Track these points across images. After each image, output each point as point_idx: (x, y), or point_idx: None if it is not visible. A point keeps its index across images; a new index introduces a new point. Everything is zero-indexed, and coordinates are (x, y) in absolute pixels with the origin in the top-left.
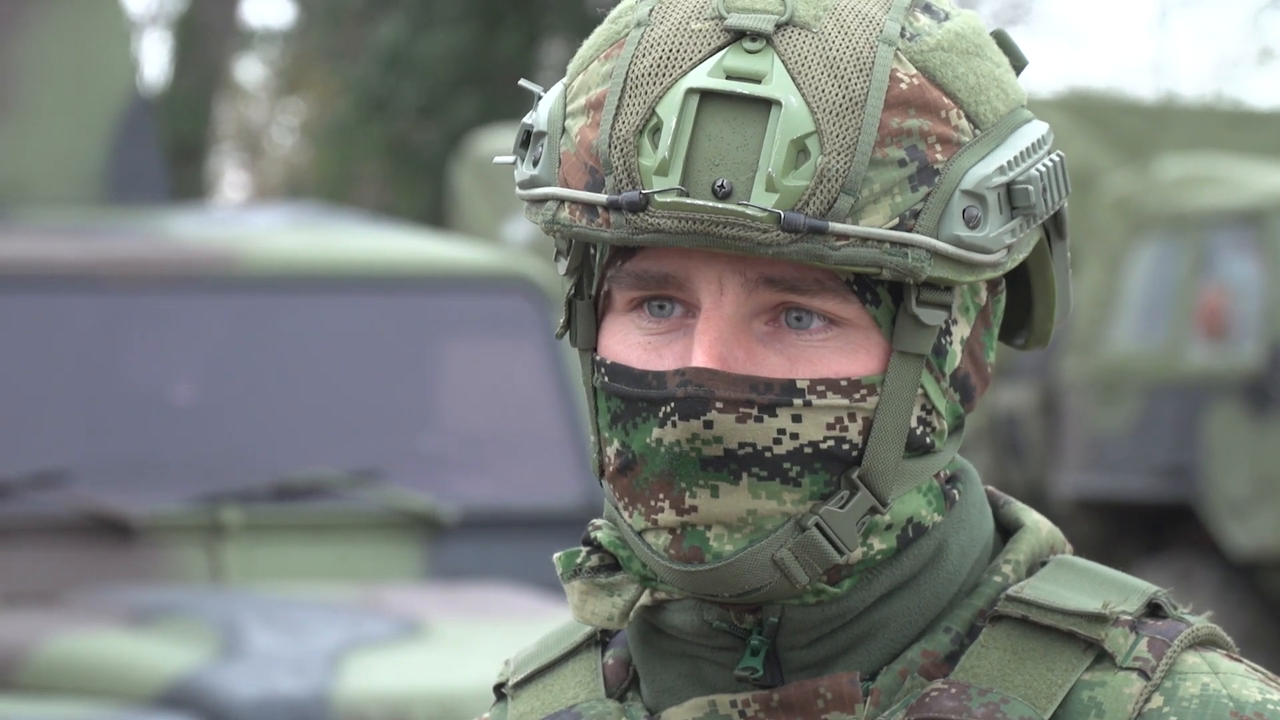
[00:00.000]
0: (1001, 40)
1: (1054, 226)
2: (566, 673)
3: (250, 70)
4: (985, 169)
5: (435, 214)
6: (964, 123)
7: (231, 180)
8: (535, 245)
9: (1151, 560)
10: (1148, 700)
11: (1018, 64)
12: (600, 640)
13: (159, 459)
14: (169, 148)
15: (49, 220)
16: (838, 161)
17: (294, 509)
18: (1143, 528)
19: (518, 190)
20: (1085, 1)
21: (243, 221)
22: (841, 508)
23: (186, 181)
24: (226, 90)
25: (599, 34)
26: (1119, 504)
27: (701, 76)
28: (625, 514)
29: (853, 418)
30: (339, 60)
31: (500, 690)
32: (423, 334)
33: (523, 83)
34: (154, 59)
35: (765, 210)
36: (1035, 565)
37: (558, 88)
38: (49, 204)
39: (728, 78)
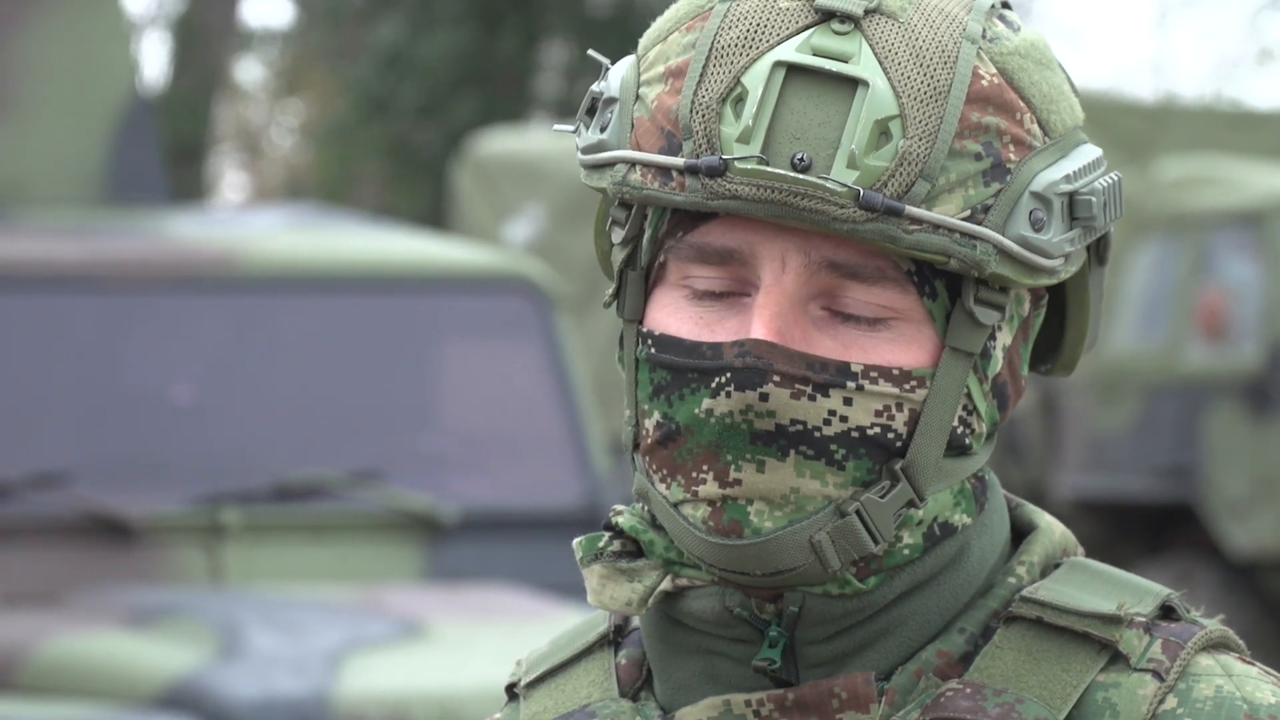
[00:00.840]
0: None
1: (1096, 253)
2: (579, 672)
3: (250, 71)
4: (1053, 175)
5: (435, 215)
6: (1035, 128)
7: (231, 181)
8: (535, 246)
9: (1152, 561)
10: (1162, 701)
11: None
12: (613, 640)
13: (159, 459)
14: (169, 148)
15: (49, 220)
16: (919, 147)
17: (294, 510)
18: (1143, 528)
19: (580, 156)
20: (1085, 1)
21: (242, 222)
22: (882, 497)
23: (186, 182)
24: (226, 91)
25: (679, 8)
26: (1119, 505)
27: (790, 51)
28: (661, 486)
29: (900, 408)
30: (339, 61)
31: (512, 690)
32: (423, 335)
33: (591, 53)
34: (154, 60)
35: (845, 185)
36: (1049, 567)
37: (628, 59)
38: (49, 204)
39: (815, 55)
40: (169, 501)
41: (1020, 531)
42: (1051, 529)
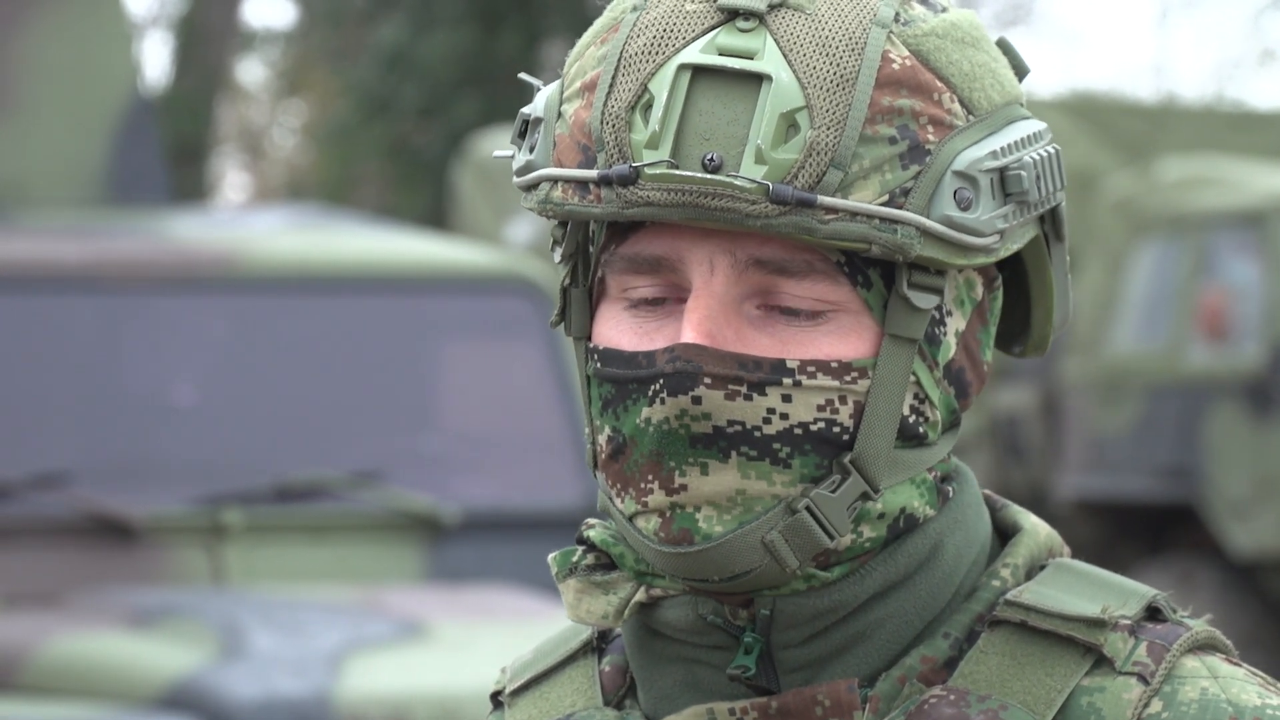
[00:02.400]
0: (1004, 47)
1: (1052, 228)
2: (563, 680)
3: (251, 71)
4: (978, 152)
5: (436, 215)
6: (957, 106)
7: (232, 181)
8: (536, 247)
9: (1152, 561)
10: (1147, 705)
11: (1019, 71)
12: (597, 647)
13: (160, 460)
14: (170, 149)
15: (49, 221)
16: (827, 136)
17: (295, 510)
18: (1144, 529)
19: (514, 178)
20: (1085, 2)
21: (243, 223)
22: (833, 492)
23: (187, 183)
24: (228, 91)
25: (596, 24)
26: (1120, 505)
27: (694, 53)
28: (617, 500)
29: (843, 400)
30: (340, 61)
31: (497, 698)
32: (423, 335)
33: (523, 76)
34: (155, 60)
35: (754, 182)
36: (1034, 569)
37: (556, 81)
38: (49, 204)
39: (720, 55)
40: (170, 502)
41: (1005, 534)
42: (1036, 530)
